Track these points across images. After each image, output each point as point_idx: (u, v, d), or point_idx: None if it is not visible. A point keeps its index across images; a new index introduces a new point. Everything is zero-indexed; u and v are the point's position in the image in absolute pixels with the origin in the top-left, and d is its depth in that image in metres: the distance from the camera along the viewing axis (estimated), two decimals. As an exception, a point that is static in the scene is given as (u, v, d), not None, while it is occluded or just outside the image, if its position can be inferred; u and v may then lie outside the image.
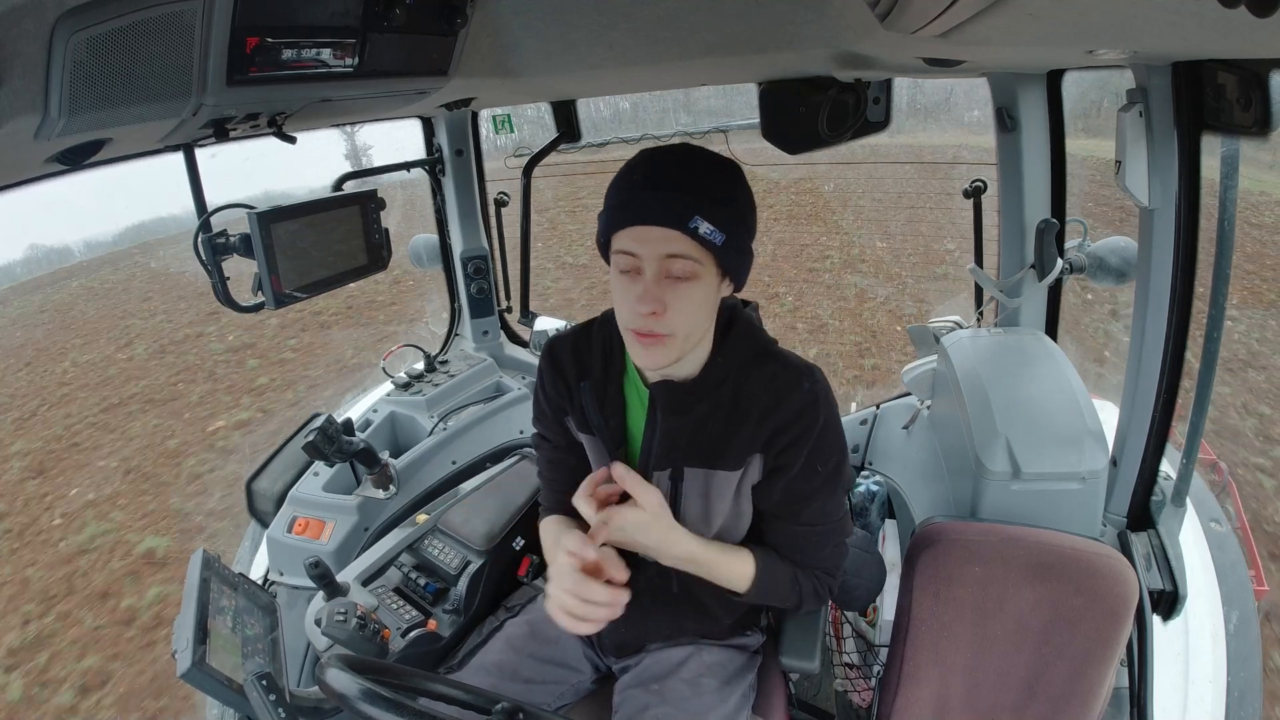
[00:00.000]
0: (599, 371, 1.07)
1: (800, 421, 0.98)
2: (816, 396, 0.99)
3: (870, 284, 8.93)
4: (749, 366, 1.01)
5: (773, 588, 1.07)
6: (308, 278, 1.23)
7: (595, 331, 1.09)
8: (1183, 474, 1.44)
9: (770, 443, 1.00)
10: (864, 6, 0.81)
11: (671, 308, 0.89)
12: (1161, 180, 1.16)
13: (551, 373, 1.10)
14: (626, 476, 0.95)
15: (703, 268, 0.89)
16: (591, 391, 1.06)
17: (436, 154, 2.20)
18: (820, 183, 14.07)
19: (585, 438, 1.11)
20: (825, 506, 1.05)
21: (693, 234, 0.86)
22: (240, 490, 1.85)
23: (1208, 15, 0.46)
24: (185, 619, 0.95)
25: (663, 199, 0.87)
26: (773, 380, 1.00)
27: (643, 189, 0.88)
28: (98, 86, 0.64)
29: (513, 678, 1.20)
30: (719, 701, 1.15)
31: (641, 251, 0.88)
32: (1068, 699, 1.23)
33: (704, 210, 0.86)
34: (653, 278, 0.89)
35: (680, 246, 0.87)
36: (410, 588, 1.49)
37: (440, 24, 0.96)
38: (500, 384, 2.26)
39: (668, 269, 0.88)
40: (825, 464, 1.02)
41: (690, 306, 0.90)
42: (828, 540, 1.08)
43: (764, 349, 1.03)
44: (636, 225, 0.88)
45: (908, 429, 1.96)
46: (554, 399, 1.11)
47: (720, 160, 0.92)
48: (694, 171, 0.89)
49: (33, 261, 19.40)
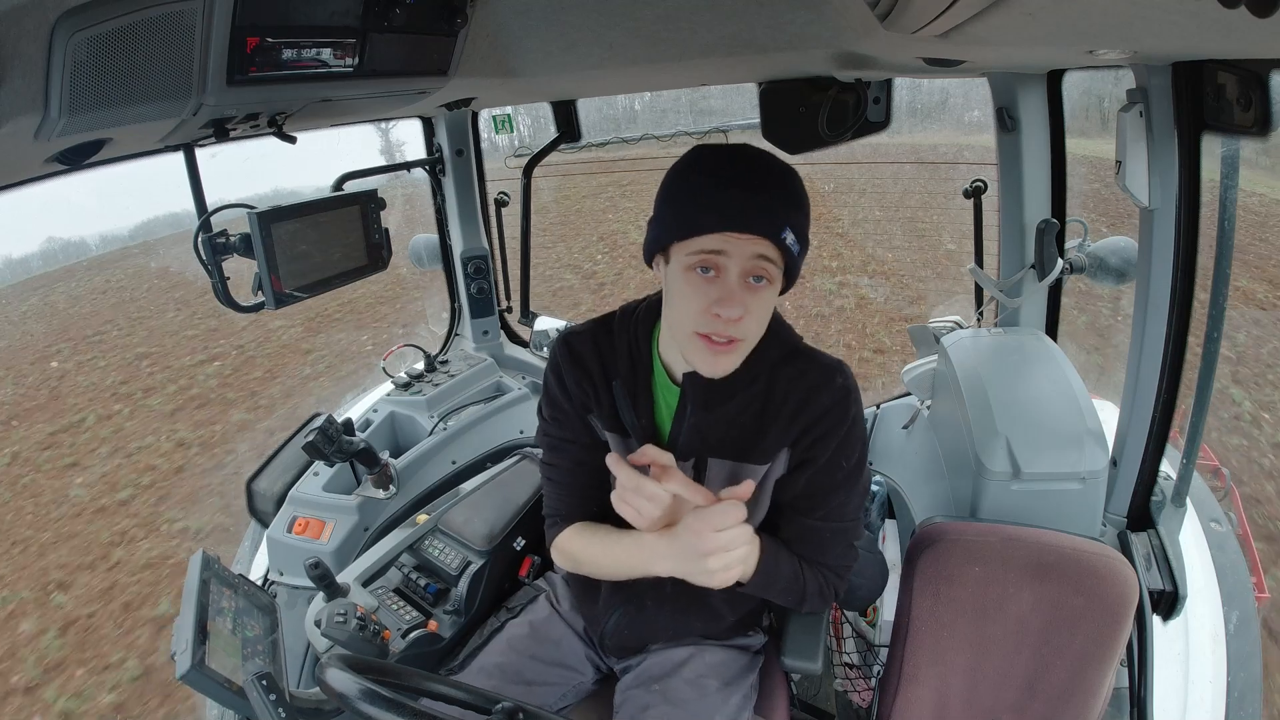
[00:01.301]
0: (626, 370, 1.05)
1: (830, 416, 0.99)
2: (848, 391, 1.00)
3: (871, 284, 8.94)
4: (780, 364, 1.02)
5: (776, 577, 1.05)
6: (308, 278, 1.23)
7: (617, 328, 1.07)
8: (1183, 474, 1.44)
9: (800, 438, 1.01)
10: (864, 6, 0.81)
11: (750, 313, 0.89)
12: (1161, 180, 1.16)
13: (573, 369, 1.07)
14: (646, 450, 0.94)
15: (778, 272, 0.89)
16: (624, 390, 1.05)
17: (436, 154, 2.20)
18: (821, 183, 14.07)
19: (611, 437, 1.09)
20: (843, 503, 1.05)
21: (781, 243, 0.86)
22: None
23: (1208, 15, 0.46)
24: (185, 620, 0.94)
25: (761, 205, 0.85)
26: (803, 377, 1.00)
27: (730, 192, 0.85)
28: (98, 86, 0.64)
29: (514, 679, 1.20)
30: (721, 702, 1.15)
31: (733, 251, 0.86)
32: (1068, 699, 1.23)
33: (793, 220, 0.86)
34: (738, 282, 0.87)
35: (766, 250, 0.86)
36: (411, 588, 1.49)
37: (440, 24, 0.96)
38: (500, 384, 2.25)
39: (750, 272, 0.87)
40: (849, 459, 1.03)
41: (764, 312, 0.91)
42: (840, 538, 1.08)
43: (794, 347, 1.04)
44: (727, 231, 0.85)
45: (908, 429, 1.96)
46: (577, 396, 1.08)
47: (789, 167, 0.91)
48: (778, 179, 0.88)
49: (49, 255, 19.48)
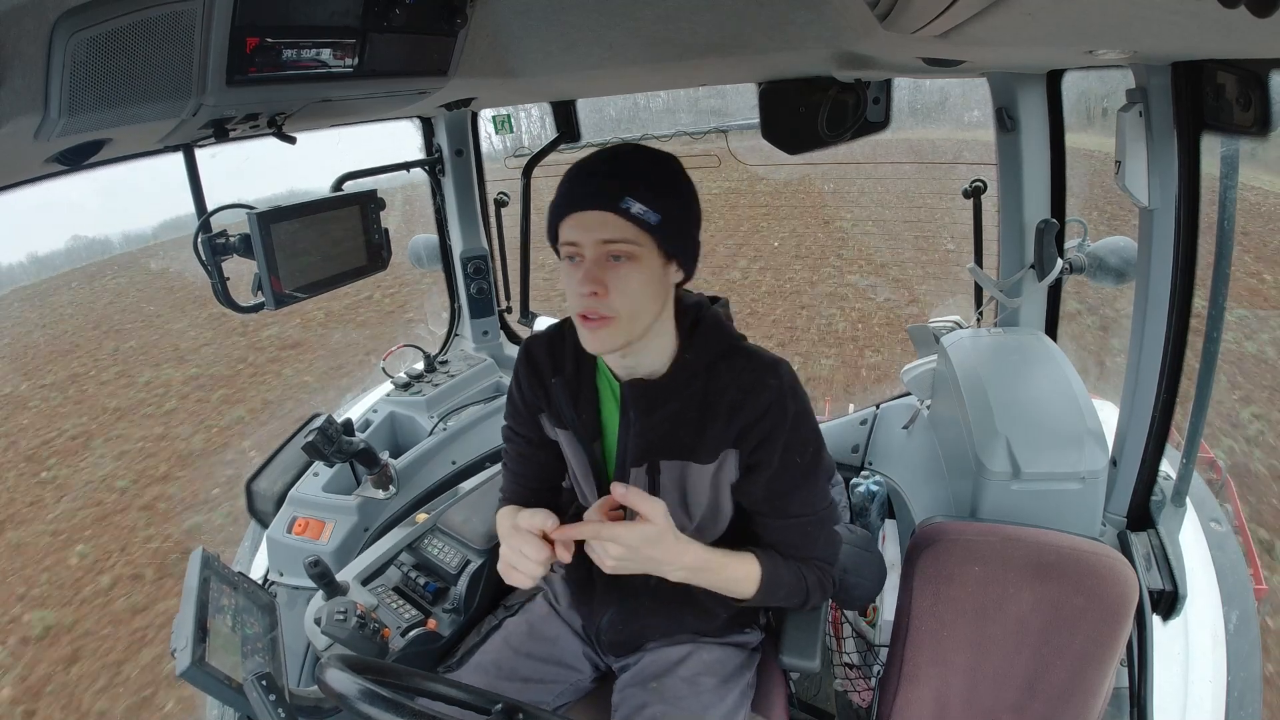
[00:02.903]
0: (571, 367, 1.09)
1: (769, 417, 1.00)
2: (783, 391, 1.00)
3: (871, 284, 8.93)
4: (717, 362, 1.03)
5: (780, 585, 1.06)
6: (307, 278, 1.23)
7: (568, 329, 1.10)
8: (1183, 474, 1.44)
9: (743, 438, 1.02)
10: (864, 6, 0.81)
11: (613, 289, 0.92)
12: (1161, 180, 1.16)
13: (527, 371, 1.12)
14: (629, 494, 0.94)
15: (641, 249, 0.92)
16: (564, 387, 1.08)
17: (436, 154, 2.20)
18: (821, 182, 14.06)
19: (561, 433, 1.12)
20: (809, 497, 1.06)
21: (625, 214, 0.89)
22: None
23: (1208, 15, 0.46)
24: (185, 618, 0.94)
25: (595, 184, 0.91)
26: (740, 375, 1.01)
27: (575, 180, 0.94)
28: (98, 86, 0.64)
29: (511, 676, 1.20)
30: (717, 700, 1.15)
31: (580, 238, 0.92)
32: (1068, 699, 1.23)
33: (635, 191, 0.90)
34: (593, 260, 0.92)
35: (616, 230, 0.90)
36: (410, 587, 1.49)
37: (440, 24, 0.96)
38: (500, 384, 2.25)
39: (607, 252, 0.92)
40: (803, 455, 1.03)
41: (631, 287, 0.92)
42: (819, 529, 1.09)
43: (731, 345, 1.04)
44: (573, 212, 0.92)
45: (908, 429, 1.96)
46: (529, 396, 1.13)
47: (655, 152, 0.97)
48: (624, 159, 0.94)
49: (74, 252, 19.63)
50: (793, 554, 1.08)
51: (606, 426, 1.09)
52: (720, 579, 1.03)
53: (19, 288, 18.60)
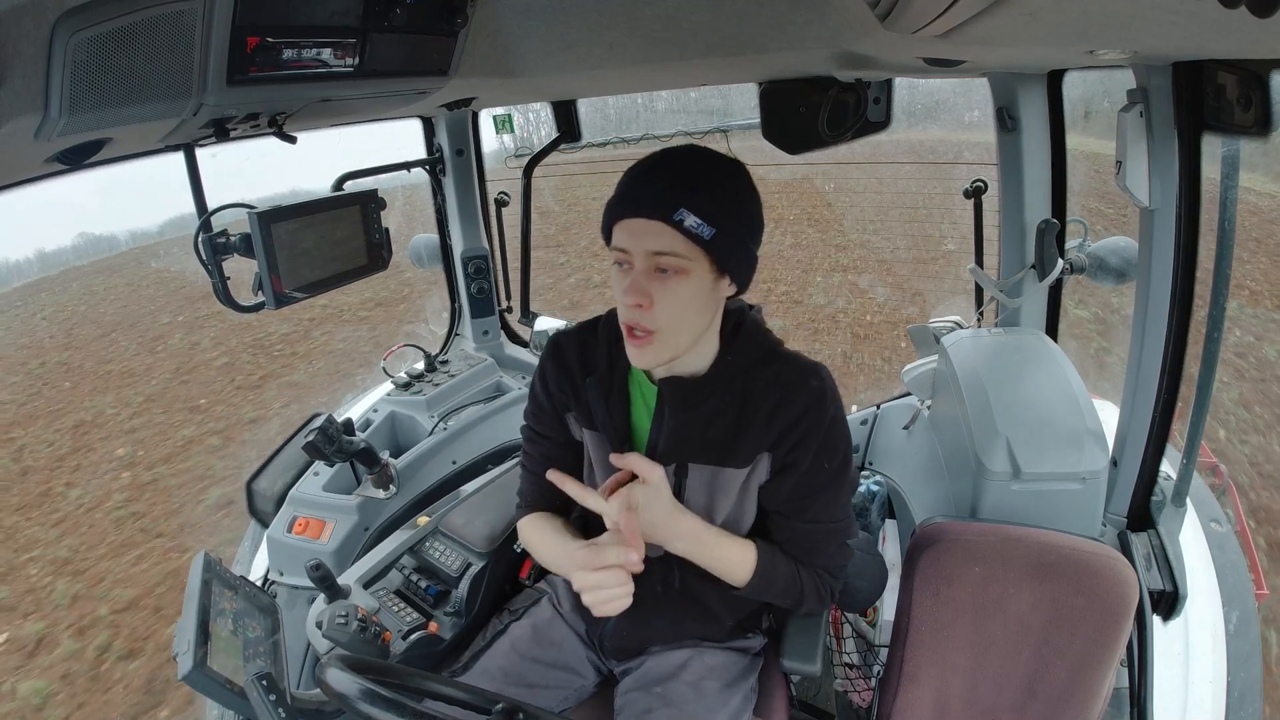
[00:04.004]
0: (604, 368, 1.07)
1: (807, 419, 0.99)
2: (824, 394, 1.00)
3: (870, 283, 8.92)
4: (756, 367, 1.02)
5: (773, 581, 1.06)
6: (308, 277, 1.23)
7: (601, 328, 1.09)
8: (1183, 474, 1.44)
9: (779, 442, 1.01)
10: (864, 6, 0.81)
11: (658, 301, 0.90)
12: (1162, 180, 1.16)
13: (556, 369, 1.10)
14: (629, 457, 0.96)
15: (692, 264, 0.89)
16: (598, 387, 1.06)
17: (437, 154, 2.20)
18: (821, 181, 14.05)
19: (589, 434, 1.11)
20: (830, 504, 1.05)
21: (678, 226, 0.86)
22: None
23: (1208, 15, 0.46)
24: (186, 621, 0.94)
25: (650, 190, 0.88)
26: (779, 379, 1.00)
27: (633, 182, 0.90)
28: (98, 86, 0.64)
29: (517, 682, 1.20)
30: (721, 704, 1.15)
31: (630, 245, 0.90)
32: (1068, 699, 1.23)
33: (690, 202, 0.86)
34: (641, 271, 0.90)
35: (666, 243, 0.88)
36: (411, 590, 1.49)
37: (440, 24, 0.96)
38: (500, 384, 2.25)
39: (656, 264, 0.89)
40: (832, 460, 1.03)
41: (677, 302, 0.90)
42: (832, 539, 1.08)
43: (771, 350, 1.04)
44: (626, 218, 0.89)
45: (908, 429, 1.96)
46: (557, 395, 1.11)
47: (719, 157, 0.92)
48: (685, 166, 0.90)
49: (81, 249, 19.62)
50: (798, 556, 1.08)
51: (636, 429, 1.08)
52: (715, 556, 1.04)
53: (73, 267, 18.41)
